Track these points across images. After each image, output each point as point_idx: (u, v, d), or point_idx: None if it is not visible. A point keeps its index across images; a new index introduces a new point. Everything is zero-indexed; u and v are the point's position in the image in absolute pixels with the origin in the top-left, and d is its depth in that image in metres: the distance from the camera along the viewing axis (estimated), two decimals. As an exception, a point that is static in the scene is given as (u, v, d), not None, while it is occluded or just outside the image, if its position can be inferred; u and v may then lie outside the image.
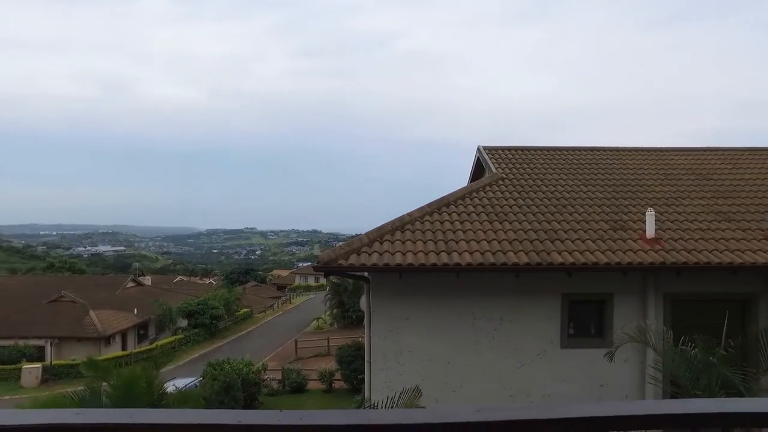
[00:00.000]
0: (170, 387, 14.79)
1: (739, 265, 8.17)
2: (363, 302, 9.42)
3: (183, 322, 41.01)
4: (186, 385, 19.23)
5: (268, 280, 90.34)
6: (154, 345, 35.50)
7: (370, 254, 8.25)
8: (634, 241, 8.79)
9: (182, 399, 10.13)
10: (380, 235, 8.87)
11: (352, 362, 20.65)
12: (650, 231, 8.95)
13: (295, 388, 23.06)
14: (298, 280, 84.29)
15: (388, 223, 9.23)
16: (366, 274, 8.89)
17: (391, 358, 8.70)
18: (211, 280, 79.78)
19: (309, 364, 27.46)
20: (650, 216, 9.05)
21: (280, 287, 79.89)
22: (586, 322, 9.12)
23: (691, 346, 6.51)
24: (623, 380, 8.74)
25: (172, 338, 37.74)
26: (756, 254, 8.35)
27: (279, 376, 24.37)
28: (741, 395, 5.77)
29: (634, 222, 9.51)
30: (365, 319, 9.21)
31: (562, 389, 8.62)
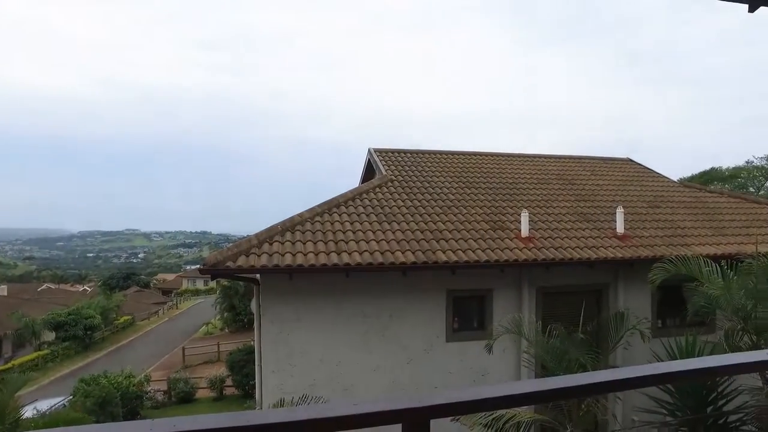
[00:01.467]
0: (30, 411, 13.22)
1: (595, 260, 9.22)
2: (254, 305, 9.22)
3: (50, 336, 36.84)
4: (51, 406, 17.37)
5: (152, 284, 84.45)
6: (9, 364, 31.40)
7: (259, 255, 8.11)
8: (511, 240, 9.54)
9: (49, 424, 9.13)
10: (270, 236, 8.75)
11: (244, 367, 20.04)
12: (524, 230, 9.77)
13: (182, 398, 21.82)
14: (185, 284, 79.73)
15: (278, 224, 9.13)
16: (257, 276, 8.72)
17: (282, 360, 8.62)
18: (85, 287, 72.78)
19: (198, 371, 26.13)
20: (525, 217, 9.88)
21: (166, 292, 75.06)
22: (469, 316, 9.71)
23: (555, 334, 7.27)
24: (502, 368, 9.47)
25: (35, 355, 33.68)
26: (608, 250, 9.50)
27: (165, 386, 22.91)
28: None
29: (511, 222, 10.32)
30: (255, 322, 9.01)
31: (449, 381, 9.14)
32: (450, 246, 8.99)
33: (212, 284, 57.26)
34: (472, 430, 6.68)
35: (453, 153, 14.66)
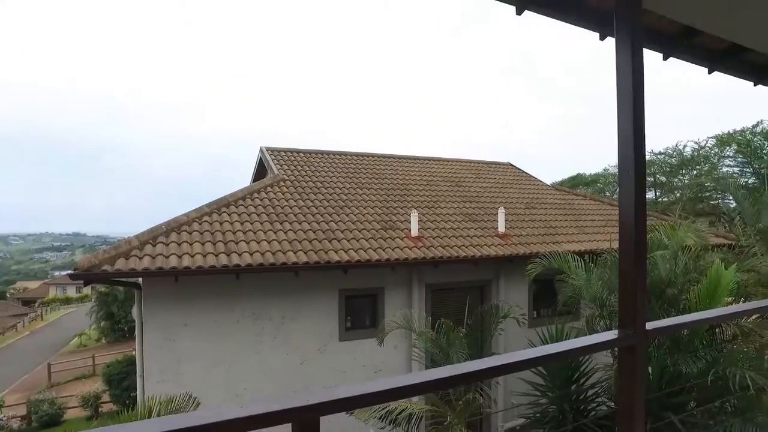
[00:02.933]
0: None
1: (479, 258, 9.87)
2: (135, 311, 8.58)
3: None
4: None
5: (9, 294, 74.82)
6: None
7: (141, 258, 7.57)
8: (402, 240, 9.87)
9: None
10: (153, 237, 8.20)
11: (124, 379, 18.48)
12: (414, 230, 10.16)
13: (46, 423, 19.42)
14: (54, 292, 71.67)
15: (162, 224, 8.58)
16: (139, 280, 8.14)
17: (167, 369, 8.13)
18: None
19: (68, 389, 23.59)
20: (414, 217, 10.28)
21: (28, 302, 66.93)
22: (361, 314, 9.88)
23: (443, 327, 7.68)
24: (395, 363, 9.77)
25: None
26: (490, 248, 10.21)
27: (24, 411, 20.28)
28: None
29: (401, 222, 10.67)
30: (137, 330, 8.39)
31: (343, 380, 9.23)
32: (342, 246, 9.09)
33: (87, 291, 52.16)
34: (366, 423, 6.82)
35: (345, 154, 14.82)
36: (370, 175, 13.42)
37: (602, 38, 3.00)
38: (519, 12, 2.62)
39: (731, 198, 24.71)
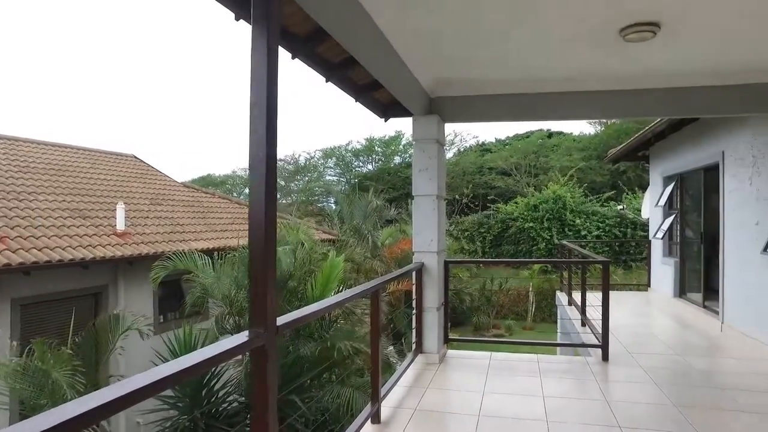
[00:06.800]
0: None
1: (91, 260, 8.40)
2: None
3: None
4: None
5: None
6: None
7: None
8: (-24, 243, 7.45)
9: None
10: None
11: None
12: (-3, 230, 7.87)
13: None
14: None
15: None
16: None
17: None
18: None
19: None
20: (-4, 213, 7.95)
21: None
22: None
23: (34, 354, 6.09)
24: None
25: None
26: (106, 248, 8.87)
27: None
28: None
29: (-23, 220, 8.09)
30: None
31: None
32: None
33: None
34: None
35: None
36: None
37: (237, 19, 2.80)
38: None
39: (333, 201, 29.68)
